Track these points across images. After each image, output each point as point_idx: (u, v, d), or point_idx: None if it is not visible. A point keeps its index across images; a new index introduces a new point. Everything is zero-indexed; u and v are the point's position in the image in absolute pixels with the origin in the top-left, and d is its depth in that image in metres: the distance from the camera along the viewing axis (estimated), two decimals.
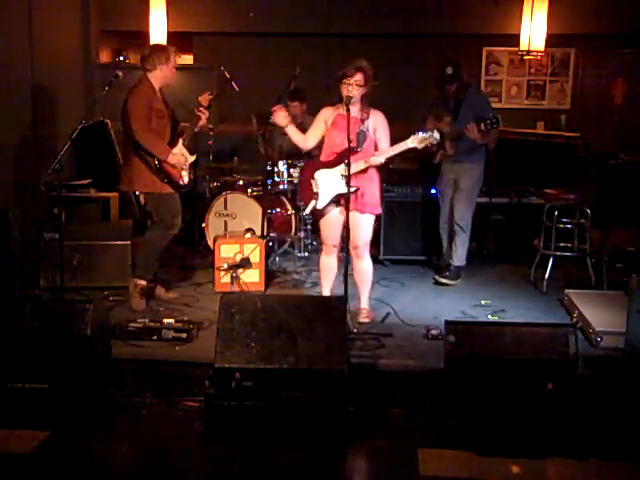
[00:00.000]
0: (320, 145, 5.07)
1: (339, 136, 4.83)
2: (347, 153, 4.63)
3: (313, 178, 4.96)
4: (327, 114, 4.98)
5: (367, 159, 4.82)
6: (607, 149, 7.24)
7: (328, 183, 4.90)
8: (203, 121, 5.38)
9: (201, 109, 5.36)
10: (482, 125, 5.53)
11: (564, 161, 7.08)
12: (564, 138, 7.50)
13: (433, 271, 6.21)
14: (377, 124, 4.91)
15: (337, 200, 4.93)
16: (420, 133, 4.77)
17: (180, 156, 5.22)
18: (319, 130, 5.01)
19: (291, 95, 6.80)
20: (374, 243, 6.47)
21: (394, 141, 4.92)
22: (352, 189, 4.71)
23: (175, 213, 5.31)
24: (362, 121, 4.85)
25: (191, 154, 5.37)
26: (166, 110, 5.23)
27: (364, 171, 4.86)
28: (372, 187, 4.95)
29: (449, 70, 5.71)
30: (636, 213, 6.16)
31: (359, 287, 5.11)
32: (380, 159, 4.83)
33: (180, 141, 5.27)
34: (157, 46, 5.54)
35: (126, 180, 5.25)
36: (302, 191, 5.15)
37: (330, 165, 4.92)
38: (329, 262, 5.12)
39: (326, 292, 5.16)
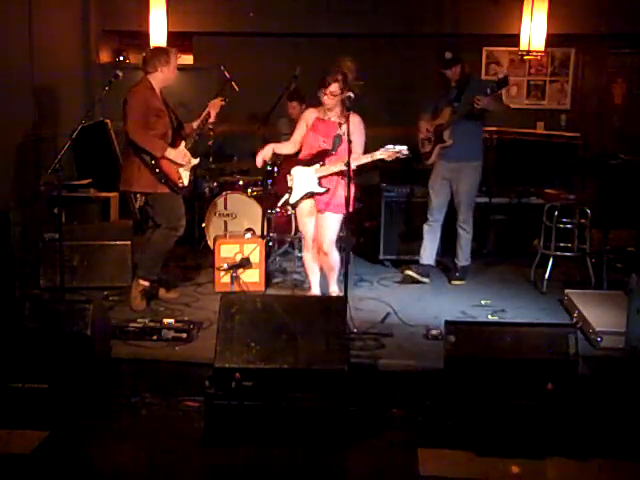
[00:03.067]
0: None
1: (315, 138, 5.04)
2: (321, 155, 4.96)
3: (289, 173, 5.14)
4: (308, 116, 5.15)
5: (340, 164, 4.85)
6: (607, 149, 7.24)
7: (302, 180, 5.06)
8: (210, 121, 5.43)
9: (210, 112, 5.38)
10: (488, 90, 5.41)
11: (564, 161, 7.08)
12: (564, 138, 7.51)
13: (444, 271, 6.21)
14: (353, 129, 4.88)
15: (309, 198, 5.10)
16: (390, 147, 4.82)
17: (180, 153, 5.21)
18: (302, 130, 5.17)
19: (290, 95, 6.82)
20: (375, 243, 6.54)
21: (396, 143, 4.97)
22: (323, 189, 4.99)
23: (180, 214, 5.30)
24: (340, 125, 4.97)
25: (194, 157, 5.36)
26: (167, 111, 5.20)
27: (335, 174, 4.97)
28: (338, 189, 4.98)
29: (448, 55, 5.66)
30: (636, 213, 6.15)
31: (327, 275, 5.27)
32: (352, 165, 4.78)
33: (183, 143, 5.26)
34: (158, 48, 5.56)
35: (125, 180, 5.23)
36: (279, 184, 5.35)
37: (305, 164, 5.07)
38: (309, 257, 5.27)
39: (315, 287, 5.31)
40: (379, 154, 4.85)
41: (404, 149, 4.80)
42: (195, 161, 5.37)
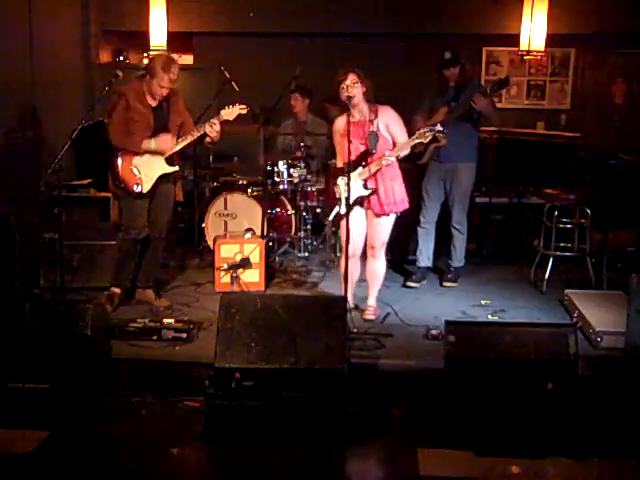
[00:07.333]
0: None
1: (352, 142, 4.77)
2: (363, 157, 4.82)
3: (336, 185, 4.97)
4: (339, 125, 4.95)
5: (379, 161, 4.80)
6: (607, 149, 7.24)
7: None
8: (211, 138, 5.10)
9: (214, 122, 5.06)
10: (488, 89, 5.42)
11: (564, 161, 7.08)
12: (564, 138, 7.51)
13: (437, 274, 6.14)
14: (387, 120, 4.89)
15: (360, 202, 4.94)
16: (424, 129, 4.78)
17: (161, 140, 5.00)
18: (339, 140, 4.97)
19: (295, 87, 6.82)
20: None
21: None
22: (369, 191, 4.86)
23: (133, 216, 5.14)
24: (371, 122, 4.86)
25: (172, 165, 5.12)
26: (152, 117, 5.02)
27: (382, 171, 4.85)
28: (392, 185, 4.92)
29: (447, 55, 5.57)
30: (636, 213, 6.15)
31: (369, 285, 5.14)
32: (391, 158, 4.80)
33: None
34: (155, 58, 5.16)
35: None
36: (327, 199, 5.18)
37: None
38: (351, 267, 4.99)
39: (349, 298, 4.99)
40: (416, 139, 4.76)
41: (437, 127, 4.79)
42: (169, 169, 5.11)
